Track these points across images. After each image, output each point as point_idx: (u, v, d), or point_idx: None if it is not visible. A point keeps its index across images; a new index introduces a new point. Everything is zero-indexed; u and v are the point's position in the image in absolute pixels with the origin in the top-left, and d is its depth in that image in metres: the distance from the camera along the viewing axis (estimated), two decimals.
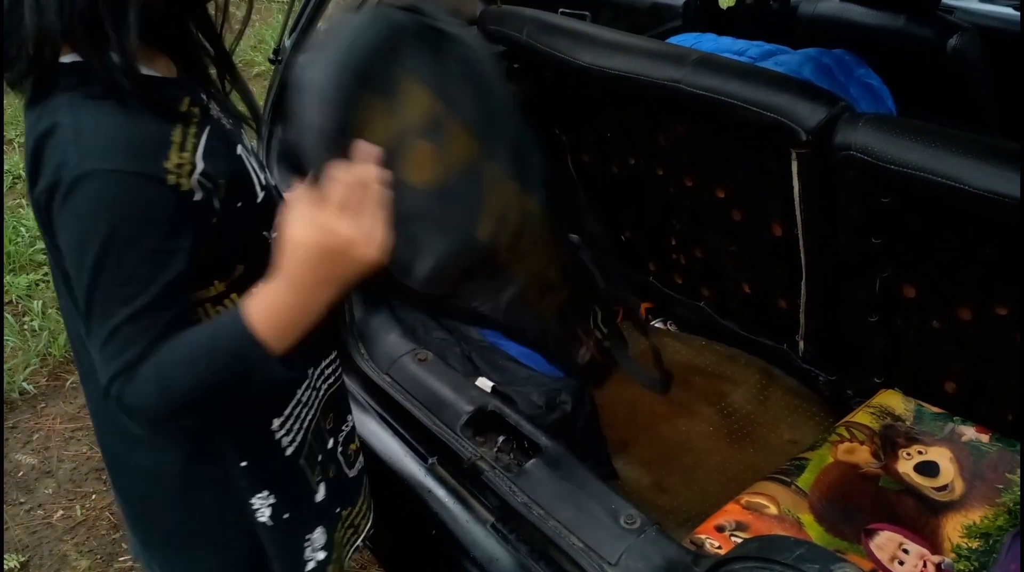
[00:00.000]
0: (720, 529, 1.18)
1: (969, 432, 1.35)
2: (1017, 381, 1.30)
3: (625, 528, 1.06)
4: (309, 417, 0.99)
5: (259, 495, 0.96)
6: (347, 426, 1.10)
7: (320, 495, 1.02)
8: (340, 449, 1.07)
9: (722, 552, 1.06)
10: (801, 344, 1.62)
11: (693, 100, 1.41)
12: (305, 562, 1.02)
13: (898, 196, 1.24)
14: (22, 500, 2.10)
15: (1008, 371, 1.30)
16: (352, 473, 1.11)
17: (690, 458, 1.49)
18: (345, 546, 1.11)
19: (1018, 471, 1.27)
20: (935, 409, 1.41)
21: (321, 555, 1.04)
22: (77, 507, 2.07)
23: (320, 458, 1.02)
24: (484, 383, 1.36)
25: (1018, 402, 1.33)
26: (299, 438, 0.97)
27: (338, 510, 1.07)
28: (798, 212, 1.41)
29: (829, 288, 1.47)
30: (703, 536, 1.17)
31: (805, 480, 1.27)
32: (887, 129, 1.21)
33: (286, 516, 0.97)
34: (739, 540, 1.13)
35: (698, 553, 1.06)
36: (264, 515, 0.96)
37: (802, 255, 1.47)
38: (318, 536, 1.03)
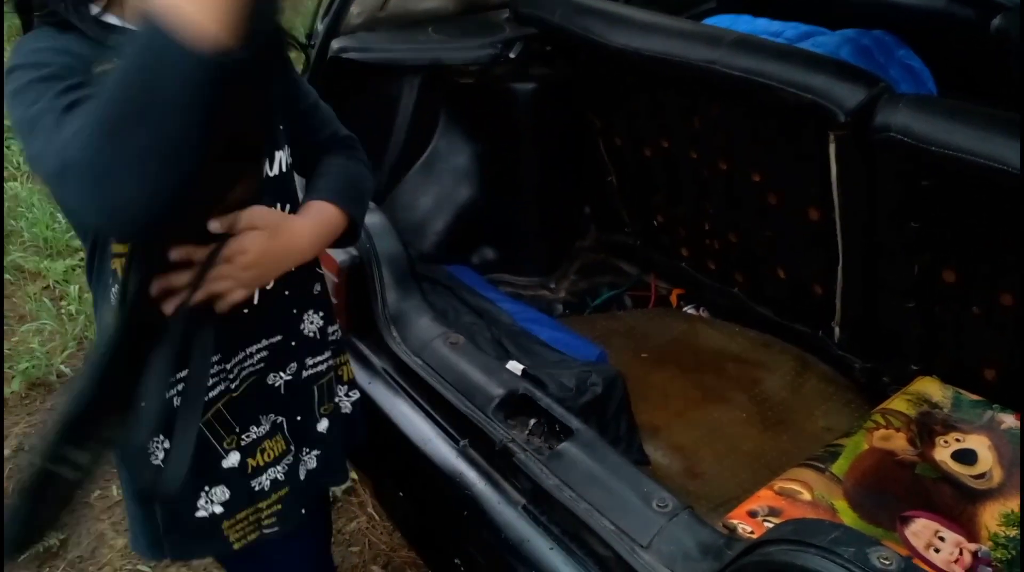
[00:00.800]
0: (753, 514, 1.17)
1: (1008, 420, 1.32)
2: None
3: (657, 511, 1.05)
4: (221, 387, 0.99)
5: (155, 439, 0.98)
6: (259, 430, 1.06)
7: (229, 462, 1.03)
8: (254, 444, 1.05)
9: (755, 537, 1.05)
10: (837, 331, 1.60)
11: (728, 82, 1.39)
12: (196, 508, 1.03)
13: (938, 178, 1.22)
14: None
15: None
16: (271, 477, 1.08)
17: (722, 444, 1.48)
18: (253, 525, 1.09)
19: None
20: (973, 396, 1.39)
21: (218, 509, 1.04)
22: (113, 487, 2.10)
23: (238, 430, 1.03)
24: (515, 366, 1.36)
25: None
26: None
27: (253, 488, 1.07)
28: (835, 196, 1.39)
29: (866, 274, 1.45)
30: (736, 521, 1.16)
31: (840, 466, 1.26)
32: (928, 110, 1.19)
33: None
34: (772, 525, 1.12)
35: (731, 537, 1.05)
36: (157, 458, 0.99)
37: (839, 240, 1.44)
38: (218, 492, 1.04)
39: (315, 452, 1.12)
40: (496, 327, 1.56)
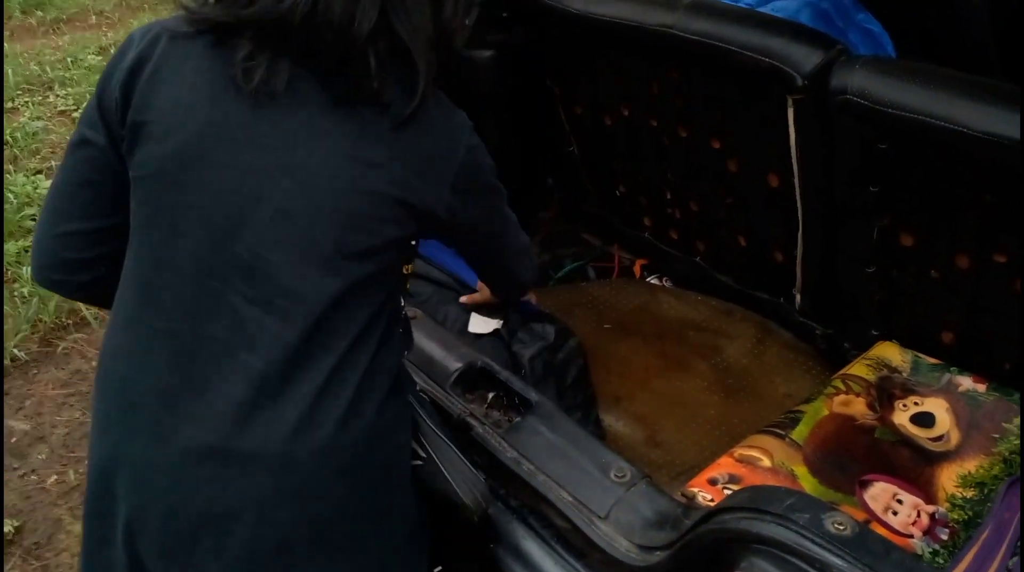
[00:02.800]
0: (713, 482, 1.17)
1: (966, 382, 1.33)
2: (1015, 330, 1.28)
3: (615, 481, 1.04)
4: None
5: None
6: None
7: None
8: None
9: (713, 505, 1.05)
10: (797, 297, 1.59)
11: (686, 46, 1.37)
12: None
13: (896, 141, 1.21)
14: (16, 466, 2.09)
15: (1006, 320, 1.28)
16: None
17: (684, 412, 1.47)
18: None
19: (1015, 420, 1.25)
20: (932, 360, 1.39)
21: None
22: (70, 472, 2.06)
23: None
24: (484, 323, 1.35)
25: (1016, 351, 1.31)
26: None
27: None
28: (795, 161, 1.37)
29: (826, 239, 1.44)
30: (695, 489, 1.15)
31: (800, 433, 1.26)
32: (884, 72, 1.18)
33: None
34: (731, 493, 1.11)
35: (689, 505, 1.05)
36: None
37: (799, 206, 1.43)
38: None
39: None
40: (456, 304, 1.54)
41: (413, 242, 0.99)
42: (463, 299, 1.49)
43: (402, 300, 1.03)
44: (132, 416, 0.90)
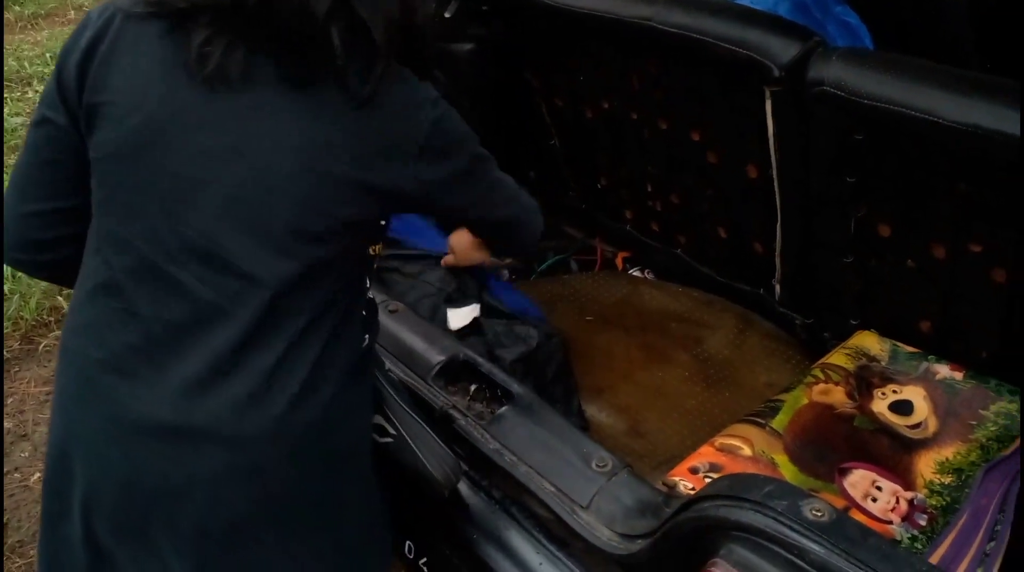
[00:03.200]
0: (694, 471, 1.18)
1: (943, 370, 1.34)
2: (991, 319, 1.30)
3: (597, 471, 1.05)
4: None
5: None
6: None
7: None
8: None
9: (694, 493, 1.06)
10: (777, 288, 1.61)
11: (665, 38, 1.37)
12: None
13: (872, 132, 1.22)
14: None
15: (981, 308, 1.29)
16: None
17: (666, 403, 1.48)
18: None
19: (992, 407, 1.27)
20: (910, 349, 1.41)
21: None
22: None
23: None
24: (464, 313, 1.36)
25: (993, 340, 1.32)
26: None
27: None
28: (773, 152, 1.38)
29: (804, 230, 1.46)
30: (677, 478, 1.16)
31: (780, 421, 1.27)
32: (860, 63, 1.19)
33: None
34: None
35: (670, 494, 1.06)
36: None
37: (777, 197, 1.44)
38: None
39: None
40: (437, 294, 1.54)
41: (382, 222, 0.98)
42: (443, 261, 1.51)
43: (368, 281, 1.02)
44: (90, 393, 0.91)
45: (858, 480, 1.19)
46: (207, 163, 0.87)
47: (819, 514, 0.84)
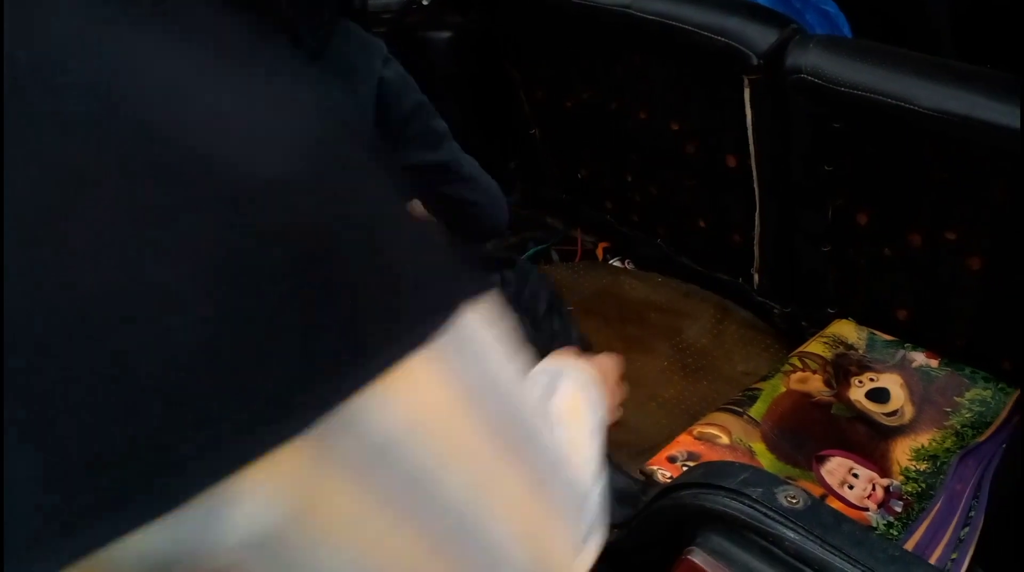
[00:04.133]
0: (672, 460, 1.18)
1: (919, 358, 1.35)
2: (968, 307, 1.30)
3: None
4: None
5: None
6: None
7: None
8: None
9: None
10: (756, 277, 1.61)
11: (644, 26, 1.37)
12: None
13: (849, 120, 1.22)
14: None
15: (957, 296, 1.30)
16: None
17: (644, 392, 1.48)
18: None
19: (967, 394, 1.28)
20: (887, 337, 1.41)
21: None
22: None
23: None
24: None
25: (970, 328, 1.33)
26: None
27: None
28: (751, 142, 1.38)
29: (782, 219, 1.46)
30: (654, 467, 1.16)
31: (757, 410, 1.27)
32: (838, 50, 1.18)
33: None
34: None
35: (647, 483, 1.05)
36: None
37: (755, 186, 1.44)
38: None
39: None
40: None
41: None
42: None
43: None
44: None
45: (835, 467, 1.19)
46: None
47: (794, 501, 0.84)
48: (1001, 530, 1.08)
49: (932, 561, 1.05)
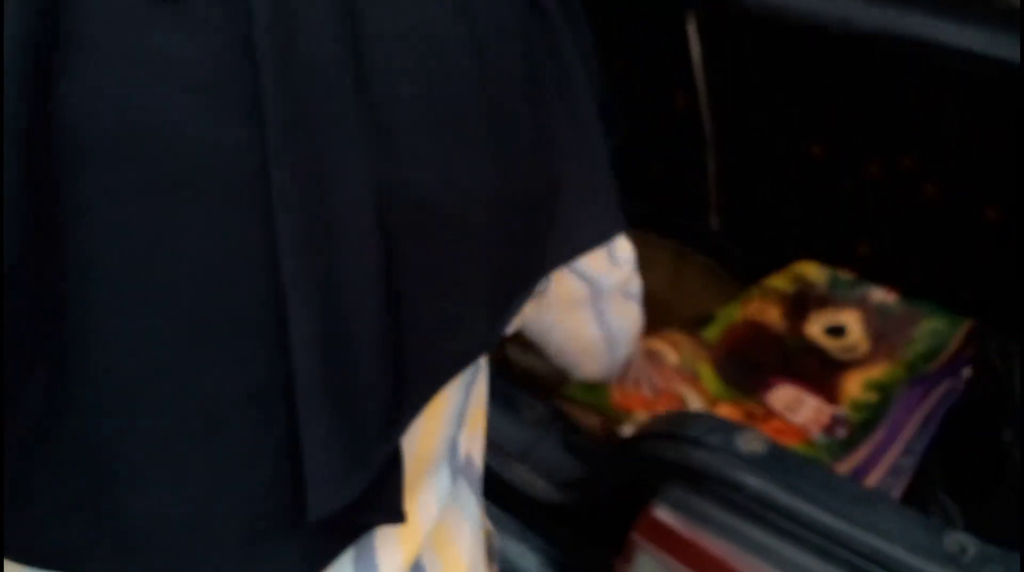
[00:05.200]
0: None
1: (879, 294, 1.33)
2: (926, 240, 1.28)
3: (530, 421, 1.01)
4: None
5: None
6: None
7: None
8: None
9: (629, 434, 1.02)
10: (713, 220, 1.57)
11: None
12: None
13: (800, 49, 1.18)
14: None
15: (915, 228, 1.28)
16: None
17: None
18: None
19: (922, 325, 1.25)
20: (848, 275, 1.39)
21: None
22: None
23: None
24: None
25: (927, 259, 1.31)
26: None
27: None
28: (699, 78, 1.33)
29: (736, 158, 1.42)
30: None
31: (712, 333, 1.26)
32: None
33: None
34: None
35: (607, 438, 1.02)
36: None
37: (706, 125, 1.40)
38: None
39: None
40: None
41: None
42: None
43: None
44: None
45: (782, 395, 1.18)
46: None
47: (755, 446, 0.81)
48: (966, 462, 1.07)
49: (870, 485, 1.03)
